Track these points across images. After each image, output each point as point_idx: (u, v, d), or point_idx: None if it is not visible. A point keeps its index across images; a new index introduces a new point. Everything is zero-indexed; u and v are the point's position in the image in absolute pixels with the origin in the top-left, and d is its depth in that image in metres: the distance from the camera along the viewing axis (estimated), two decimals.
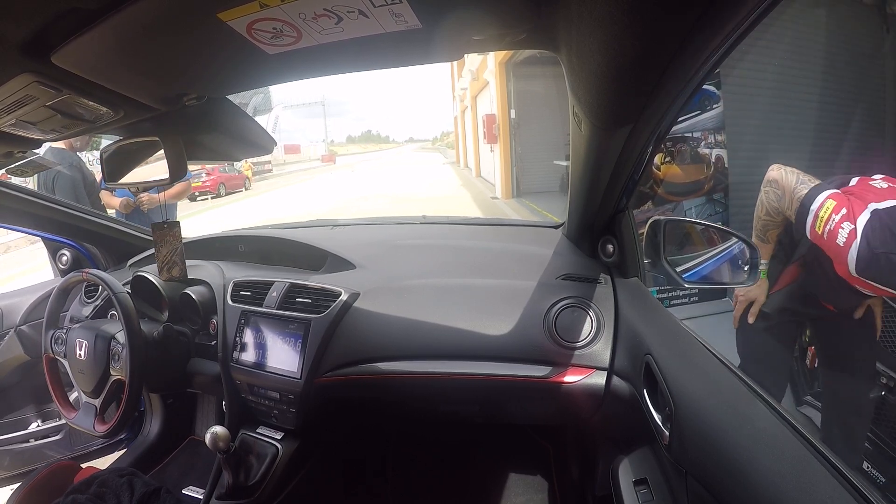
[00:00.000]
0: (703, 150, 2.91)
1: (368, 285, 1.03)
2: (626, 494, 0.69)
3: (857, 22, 3.86)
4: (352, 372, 0.96)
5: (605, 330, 0.87)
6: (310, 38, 0.50)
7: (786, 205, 1.24)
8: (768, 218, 1.33)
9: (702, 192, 2.95)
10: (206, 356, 1.14)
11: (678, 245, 1.00)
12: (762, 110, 3.68)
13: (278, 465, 1.01)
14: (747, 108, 3.58)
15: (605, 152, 0.66)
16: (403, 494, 1.36)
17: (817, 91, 3.86)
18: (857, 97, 3.81)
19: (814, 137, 3.87)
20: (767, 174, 1.29)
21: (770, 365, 1.52)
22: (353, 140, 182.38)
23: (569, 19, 0.45)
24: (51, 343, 1.12)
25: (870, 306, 1.35)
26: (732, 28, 0.38)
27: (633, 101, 0.50)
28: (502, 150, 8.91)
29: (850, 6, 3.83)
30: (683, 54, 0.41)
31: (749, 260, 0.95)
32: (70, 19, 0.46)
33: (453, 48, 0.56)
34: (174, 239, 1.04)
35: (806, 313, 1.49)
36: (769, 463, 0.45)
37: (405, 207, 9.05)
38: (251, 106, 24.78)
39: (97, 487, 0.91)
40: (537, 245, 1.13)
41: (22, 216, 1.24)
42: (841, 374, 1.45)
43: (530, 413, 1.06)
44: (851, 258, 1.04)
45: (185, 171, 0.82)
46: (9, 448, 1.48)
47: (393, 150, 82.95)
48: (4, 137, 0.72)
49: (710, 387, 0.60)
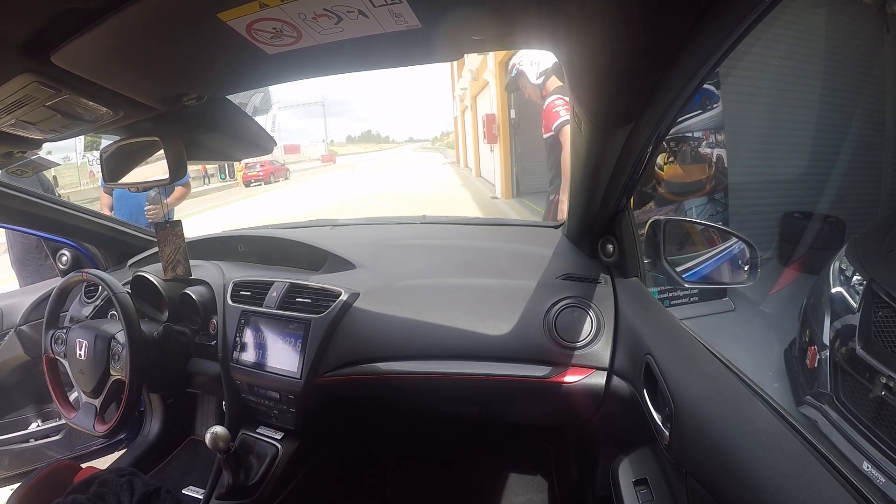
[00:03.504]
0: (703, 149, 2.91)
1: (368, 285, 1.03)
2: (626, 494, 0.69)
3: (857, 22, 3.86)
4: (352, 372, 0.96)
5: (605, 330, 0.87)
6: (310, 38, 0.50)
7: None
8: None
9: (702, 192, 2.95)
10: (206, 356, 1.14)
11: (678, 245, 1.00)
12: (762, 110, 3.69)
13: (278, 465, 1.01)
14: (747, 108, 3.58)
15: (605, 152, 0.66)
16: (403, 494, 1.36)
17: (817, 91, 3.86)
18: (857, 97, 3.81)
19: (813, 137, 3.88)
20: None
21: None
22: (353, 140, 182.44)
23: (569, 19, 0.45)
24: (51, 343, 1.12)
25: None
26: (732, 28, 0.38)
27: (633, 101, 0.50)
28: (502, 150, 8.91)
29: (850, 6, 3.83)
30: (683, 54, 0.41)
31: (749, 260, 0.95)
32: (70, 19, 0.46)
33: (453, 48, 0.56)
34: (177, 238, 1.04)
35: None
36: (769, 463, 0.45)
37: (405, 207, 9.05)
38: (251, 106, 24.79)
39: (97, 487, 0.91)
40: (537, 245, 1.13)
41: (22, 216, 1.24)
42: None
43: (530, 413, 1.06)
44: None
45: (184, 171, 0.82)
46: (9, 448, 1.48)
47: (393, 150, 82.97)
48: (4, 137, 0.72)
49: (710, 387, 0.60)
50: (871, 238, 2.07)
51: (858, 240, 2.05)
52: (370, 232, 1.44)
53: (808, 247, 3.50)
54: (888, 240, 1.98)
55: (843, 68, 3.83)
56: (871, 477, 1.42)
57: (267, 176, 20.30)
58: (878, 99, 3.84)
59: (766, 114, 3.67)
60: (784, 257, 3.72)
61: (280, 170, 22.26)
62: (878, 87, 3.83)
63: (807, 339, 1.88)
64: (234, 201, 13.55)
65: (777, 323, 2.68)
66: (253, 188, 17.53)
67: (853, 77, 3.86)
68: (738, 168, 3.41)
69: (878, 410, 1.49)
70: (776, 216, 3.88)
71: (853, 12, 3.85)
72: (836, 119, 3.85)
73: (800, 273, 3.42)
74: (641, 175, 0.78)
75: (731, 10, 0.36)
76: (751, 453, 0.48)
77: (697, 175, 2.92)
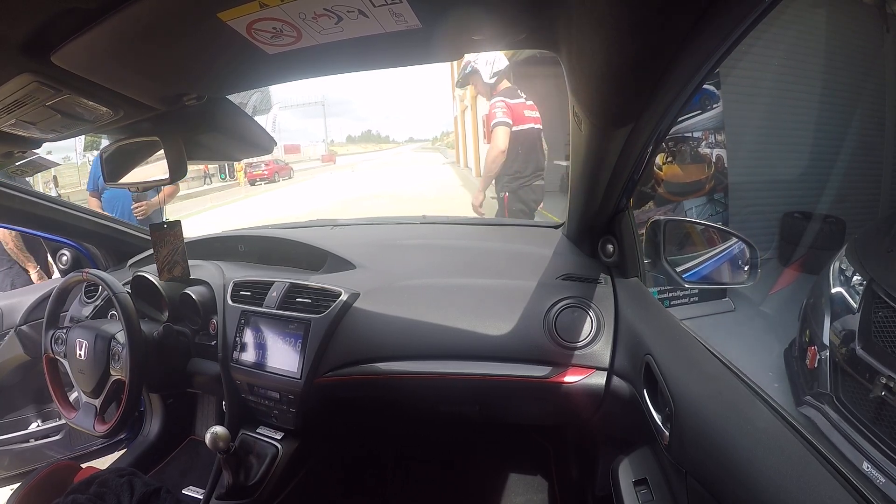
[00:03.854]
0: (703, 149, 2.91)
1: (368, 285, 1.03)
2: (626, 494, 0.69)
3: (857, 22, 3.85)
4: (352, 372, 0.96)
5: (605, 330, 0.87)
6: (310, 38, 0.50)
7: None
8: None
9: (702, 192, 2.95)
10: (206, 356, 1.14)
11: (678, 245, 1.00)
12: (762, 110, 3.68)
13: (278, 465, 1.01)
14: (747, 108, 3.58)
15: (605, 152, 0.66)
16: (403, 494, 1.36)
17: (817, 91, 3.86)
18: (857, 97, 3.81)
19: (813, 137, 3.87)
20: None
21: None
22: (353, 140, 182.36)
23: (569, 19, 0.45)
24: (51, 343, 1.12)
25: None
26: (732, 28, 0.38)
27: (633, 101, 0.50)
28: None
29: (850, 6, 3.83)
30: (683, 54, 0.41)
31: (749, 260, 0.95)
32: (70, 19, 0.46)
33: (453, 48, 0.56)
34: (175, 239, 1.04)
35: None
36: (769, 463, 0.45)
37: (405, 207, 9.04)
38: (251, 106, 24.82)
39: (97, 487, 0.90)
40: (537, 245, 1.13)
41: (22, 216, 1.24)
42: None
43: (530, 413, 1.06)
44: None
45: (184, 171, 0.82)
46: (9, 448, 1.48)
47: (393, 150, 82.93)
48: (4, 137, 0.72)
49: (710, 387, 0.60)
50: (871, 238, 2.07)
51: (858, 240, 2.05)
52: (370, 232, 1.44)
53: (808, 247, 3.50)
54: (888, 240, 1.98)
55: (843, 68, 3.83)
56: (870, 477, 1.42)
57: (272, 174, 20.75)
58: (878, 99, 3.84)
59: (766, 114, 3.67)
60: (784, 257, 3.72)
61: (284, 169, 22.83)
62: (878, 87, 3.83)
63: (807, 340, 1.88)
64: (235, 201, 13.55)
65: (777, 323, 2.68)
66: (254, 188, 17.83)
67: (853, 77, 3.85)
68: (738, 168, 3.40)
69: (878, 410, 1.49)
70: (776, 216, 3.88)
71: (853, 12, 3.84)
72: (836, 119, 3.85)
73: (800, 273, 3.42)
74: (641, 175, 0.78)
75: (731, 10, 0.36)
76: (751, 453, 0.47)
77: (697, 175, 2.93)
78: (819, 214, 3.67)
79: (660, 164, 2.85)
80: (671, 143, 2.87)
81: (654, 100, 0.49)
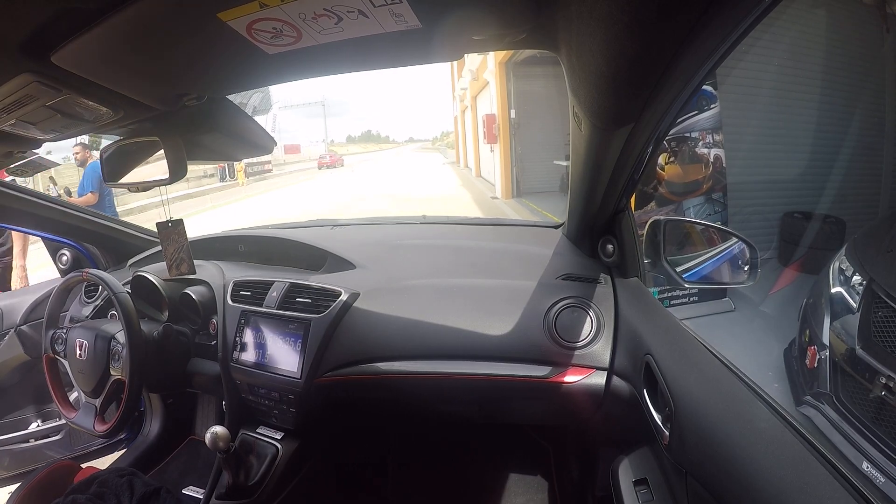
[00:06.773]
0: (701, 149, 2.91)
1: (368, 285, 1.03)
2: (626, 494, 0.69)
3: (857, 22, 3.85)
4: (352, 372, 0.96)
5: (605, 330, 0.87)
6: (310, 38, 0.50)
7: None
8: None
9: (700, 191, 2.95)
10: (206, 356, 1.14)
11: (678, 245, 1.00)
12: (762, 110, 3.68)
13: (278, 465, 1.01)
14: (746, 108, 3.58)
15: (605, 152, 0.66)
16: (403, 494, 1.36)
17: (817, 91, 3.86)
18: (857, 97, 3.81)
19: (813, 137, 3.88)
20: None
21: None
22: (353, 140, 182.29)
23: (569, 19, 0.45)
24: (51, 343, 1.12)
25: None
26: (732, 28, 0.38)
27: (633, 101, 0.50)
28: (502, 150, 8.90)
29: (850, 6, 3.83)
30: (683, 54, 0.41)
31: (749, 260, 0.95)
32: (70, 19, 0.46)
33: (453, 48, 0.56)
34: (179, 236, 1.04)
35: None
36: (769, 463, 0.45)
37: (405, 207, 9.05)
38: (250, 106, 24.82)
39: (97, 487, 0.91)
40: (537, 245, 1.13)
41: (22, 216, 1.24)
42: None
43: (530, 413, 1.06)
44: None
45: (184, 171, 0.82)
46: (9, 448, 1.48)
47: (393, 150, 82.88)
48: (4, 137, 0.72)
49: (710, 387, 0.60)
50: (871, 238, 2.07)
51: (858, 240, 2.05)
52: (370, 232, 1.44)
53: (808, 247, 3.51)
54: (888, 240, 1.98)
55: (843, 68, 3.83)
56: (870, 477, 1.42)
57: (334, 163, 30.39)
58: (878, 99, 3.84)
59: (765, 114, 3.67)
60: (784, 257, 3.72)
61: (338, 159, 32.74)
62: (878, 87, 3.83)
63: (806, 339, 1.88)
64: (235, 201, 13.55)
65: (777, 323, 2.68)
66: (253, 187, 18.43)
67: (853, 77, 3.85)
68: (738, 168, 3.41)
69: (878, 410, 1.49)
70: (776, 216, 3.88)
71: (853, 12, 3.84)
72: (836, 119, 3.85)
73: (800, 273, 3.43)
74: (641, 175, 0.78)
75: (731, 10, 0.36)
76: (751, 453, 0.48)
77: (697, 175, 2.93)
78: (819, 214, 3.67)
79: (660, 164, 2.85)
80: (671, 143, 2.87)
81: (654, 100, 0.49)
